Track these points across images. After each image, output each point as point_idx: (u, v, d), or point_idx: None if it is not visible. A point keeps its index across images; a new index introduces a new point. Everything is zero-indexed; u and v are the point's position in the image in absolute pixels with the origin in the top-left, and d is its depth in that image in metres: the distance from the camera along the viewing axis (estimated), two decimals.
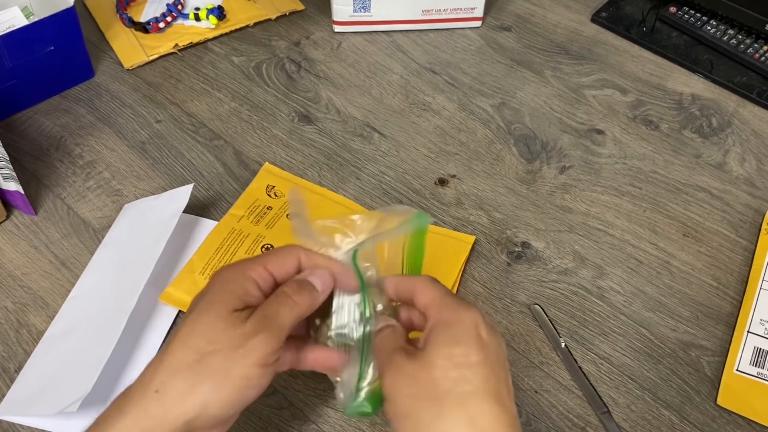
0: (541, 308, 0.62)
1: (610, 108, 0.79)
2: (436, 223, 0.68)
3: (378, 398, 0.42)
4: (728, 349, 0.59)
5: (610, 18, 0.89)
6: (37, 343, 0.59)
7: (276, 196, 0.68)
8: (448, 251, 0.65)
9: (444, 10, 0.86)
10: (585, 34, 0.88)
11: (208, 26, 0.87)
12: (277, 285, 0.41)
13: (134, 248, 0.63)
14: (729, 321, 0.61)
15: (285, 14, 0.90)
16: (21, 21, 0.78)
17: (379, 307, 0.45)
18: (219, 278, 0.40)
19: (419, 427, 0.36)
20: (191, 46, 0.85)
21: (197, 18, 0.87)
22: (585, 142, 0.76)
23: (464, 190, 0.71)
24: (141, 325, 0.59)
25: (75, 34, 0.77)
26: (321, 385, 0.57)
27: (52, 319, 0.61)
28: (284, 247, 0.43)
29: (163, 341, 0.59)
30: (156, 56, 0.84)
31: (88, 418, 0.41)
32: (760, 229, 0.67)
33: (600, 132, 0.77)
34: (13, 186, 0.66)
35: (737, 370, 0.58)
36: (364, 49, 0.86)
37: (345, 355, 0.43)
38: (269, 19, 0.89)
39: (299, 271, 0.42)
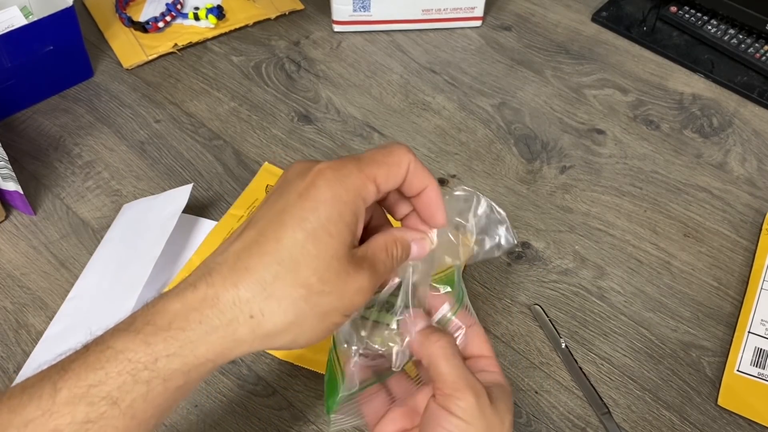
0: (542, 308, 0.62)
1: (610, 108, 0.79)
2: None
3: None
4: (729, 349, 0.59)
5: (610, 17, 0.89)
6: (36, 344, 0.59)
7: None
8: None
9: (444, 9, 0.85)
10: (585, 33, 0.88)
11: (207, 26, 0.87)
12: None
13: (133, 248, 0.63)
14: (730, 321, 0.61)
15: (284, 14, 0.90)
16: (20, 20, 0.78)
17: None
18: (333, 195, 0.34)
19: None
20: (190, 45, 0.85)
21: (196, 17, 0.86)
22: (585, 142, 0.75)
23: None
24: None
25: (74, 33, 0.76)
26: (320, 385, 0.57)
27: (51, 319, 0.61)
28: (395, 150, 0.37)
29: None
30: (155, 56, 0.84)
31: None
32: (760, 230, 0.67)
33: (600, 132, 0.77)
34: (12, 186, 0.66)
35: (738, 370, 0.57)
36: (363, 49, 0.86)
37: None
38: (269, 19, 0.89)
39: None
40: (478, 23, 0.88)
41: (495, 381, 0.41)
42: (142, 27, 0.85)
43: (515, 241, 0.42)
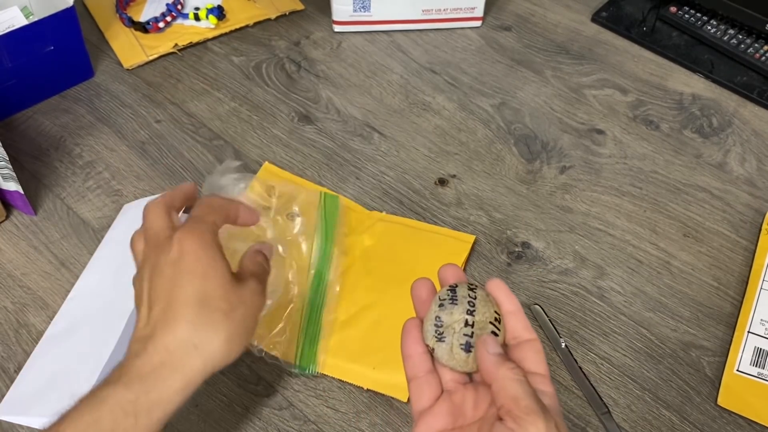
0: (542, 308, 0.62)
1: (610, 108, 0.79)
2: (436, 223, 0.68)
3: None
4: (728, 349, 0.59)
5: (610, 18, 0.89)
6: (36, 344, 0.59)
7: (276, 195, 0.68)
8: (447, 251, 0.64)
9: (444, 9, 0.85)
10: (585, 33, 0.88)
11: (207, 26, 0.87)
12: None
13: None
14: (729, 321, 0.61)
15: (285, 14, 0.90)
16: (21, 21, 0.78)
17: (478, 316, 0.41)
18: (203, 255, 0.44)
19: None
20: (191, 45, 0.85)
21: (197, 18, 0.86)
22: (585, 142, 0.76)
23: (464, 190, 0.71)
24: None
25: (74, 33, 0.76)
26: (320, 385, 0.57)
27: (51, 319, 0.61)
28: (203, 201, 0.48)
29: None
30: (156, 56, 0.84)
31: None
32: (760, 230, 0.67)
33: (600, 132, 0.77)
34: (12, 186, 0.66)
35: (737, 370, 0.57)
36: (364, 49, 0.86)
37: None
38: (269, 19, 0.89)
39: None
40: (478, 23, 0.88)
41: (549, 404, 0.40)
42: (143, 27, 0.85)
43: None
